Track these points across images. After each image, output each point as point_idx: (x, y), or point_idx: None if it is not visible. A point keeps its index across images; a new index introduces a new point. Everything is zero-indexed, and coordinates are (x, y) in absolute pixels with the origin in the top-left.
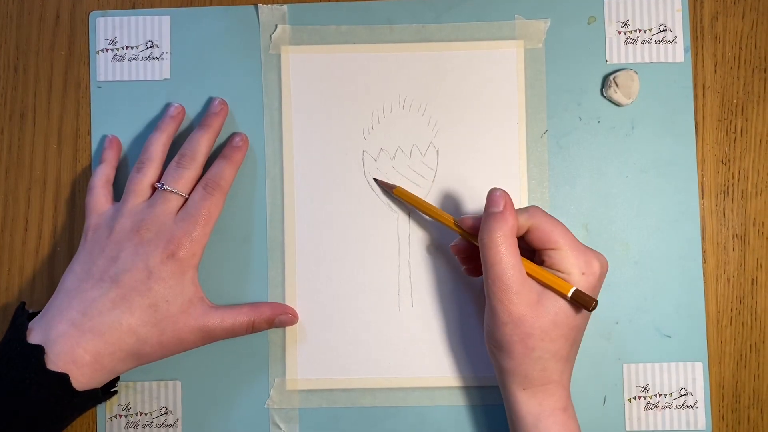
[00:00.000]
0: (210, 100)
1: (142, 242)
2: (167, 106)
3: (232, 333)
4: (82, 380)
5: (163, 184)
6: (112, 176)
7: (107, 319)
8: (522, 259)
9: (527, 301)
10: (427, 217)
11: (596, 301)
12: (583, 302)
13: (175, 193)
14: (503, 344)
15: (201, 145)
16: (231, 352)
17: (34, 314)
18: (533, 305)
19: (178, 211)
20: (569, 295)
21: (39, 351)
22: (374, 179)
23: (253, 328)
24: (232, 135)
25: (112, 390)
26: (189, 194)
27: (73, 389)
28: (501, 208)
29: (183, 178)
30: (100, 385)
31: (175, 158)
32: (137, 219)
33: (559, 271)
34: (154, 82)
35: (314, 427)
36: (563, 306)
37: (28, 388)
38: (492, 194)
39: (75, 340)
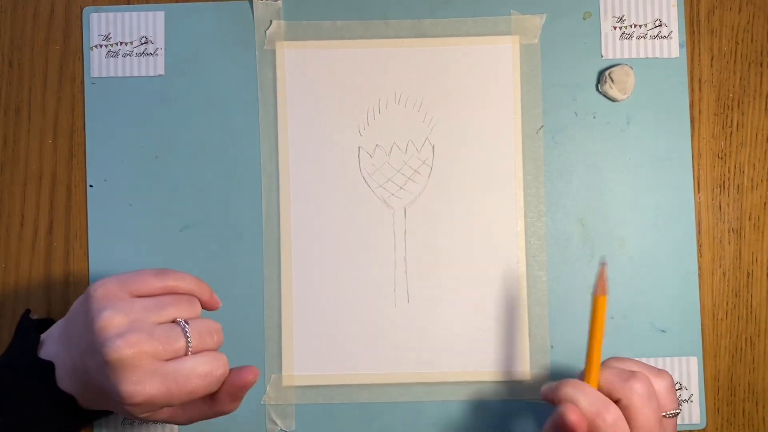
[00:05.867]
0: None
1: (110, 365)
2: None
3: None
4: (86, 406)
5: (186, 326)
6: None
7: (88, 389)
8: None
9: None
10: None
11: None
12: None
13: (187, 344)
14: None
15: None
16: (227, 348)
17: (40, 321)
18: None
19: (170, 356)
20: None
21: (50, 368)
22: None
23: (221, 411)
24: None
25: None
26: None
27: (80, 408)
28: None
29: (205, 341)
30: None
31: (213, 326)
32: (125, 341)
33: None
34: (149, 78)
35: (311, 423)
36: None
37: (38, 403)
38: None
39: (72, 388)
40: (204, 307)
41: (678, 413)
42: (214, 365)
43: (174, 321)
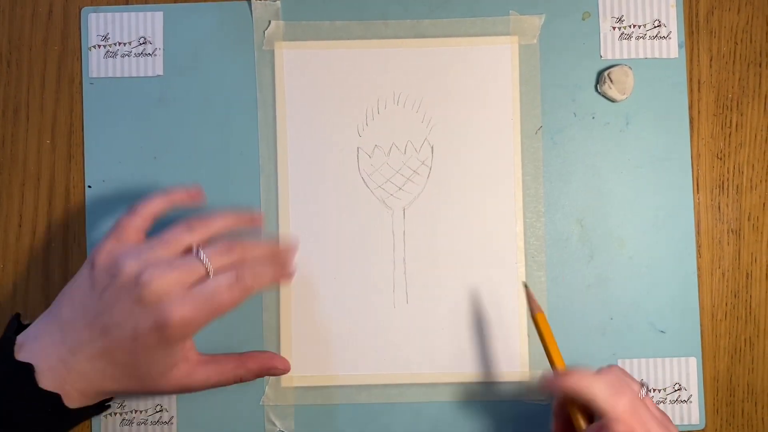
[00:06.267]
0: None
1: (141, 302)
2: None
3: (218, 386)
4: (71, 404)
5: (201, 251)
6: (162, 214)
7: (93, 364)
8: None
9: None
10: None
11: None
12: None
13: (206, 268)
14: None
15: (253, 249)
16: (226, 350)
17: (27, 326)
18: None
19: (194, 284)
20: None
21: (29, 369)
22: (524, 284)
23: (240, 381)
24: (288, 257)
25: (106, 405)
26: (215, 274)
27: (66, 407)
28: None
29: (222, 261)
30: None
31: (228, 243)
32: (150, 274)
33: None
34: (147, 78)
35: (310, 424)
36: None
37: (18, 406)
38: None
39: (64, 377)
40: (248, 227)
41: (646, 387)
42: (237, 276)
43: (189, 250)
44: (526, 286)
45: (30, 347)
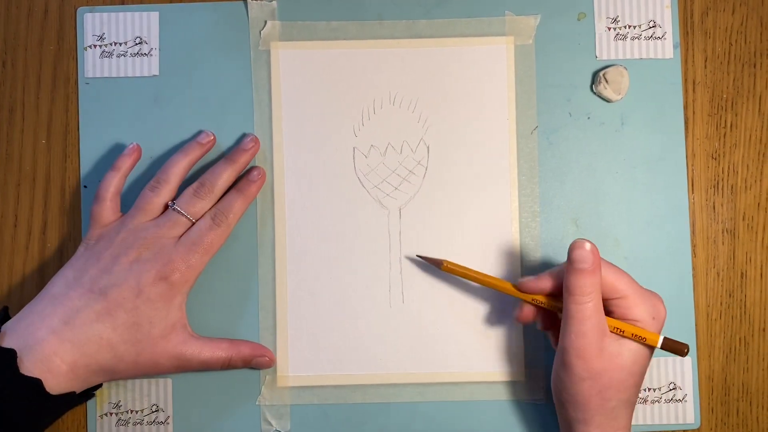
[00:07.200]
0: (243, 136)
1: (139, 260)
2: (199, 132)
3: (207, 366)
4: (55, 388)
5: (174, 204)
6: (122, 186)
7: (88, 331)
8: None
9: (609, 356)
10: (480, 285)
11: (688, 346)
12: (674, 350)
13: (185, 217)
14: (578, 399)
15: (222, 178)
16: None
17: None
18: (613, 358)
19: (181, 235)
20: (659, 345)
21: (11, 355)
22: (418, 256)
23: (229, 365)
24: (251, 169)
25: (92, 393)
26: (196, 220)
27: (48, 393)
28: (590, 264)
29: (196, 207)
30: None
31: (194, 185)
32: (140, 236)
33: (631, 319)
34: (143, 78)
35: (306, 424)
36: (639, 355)
37: (0, 393)
38: (581, 249)
39: (53, 349)
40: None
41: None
42: (212, 218)
43: (165, 207)
44: (420, 257)
45: (14, 331)
